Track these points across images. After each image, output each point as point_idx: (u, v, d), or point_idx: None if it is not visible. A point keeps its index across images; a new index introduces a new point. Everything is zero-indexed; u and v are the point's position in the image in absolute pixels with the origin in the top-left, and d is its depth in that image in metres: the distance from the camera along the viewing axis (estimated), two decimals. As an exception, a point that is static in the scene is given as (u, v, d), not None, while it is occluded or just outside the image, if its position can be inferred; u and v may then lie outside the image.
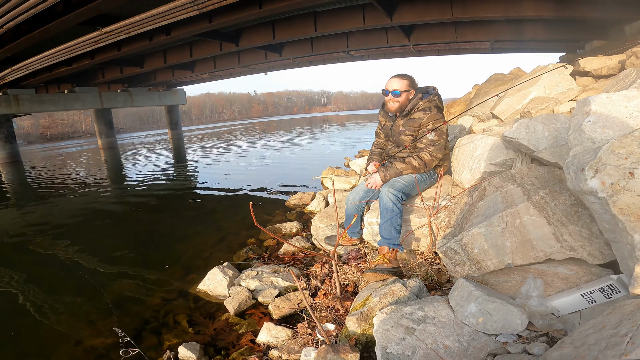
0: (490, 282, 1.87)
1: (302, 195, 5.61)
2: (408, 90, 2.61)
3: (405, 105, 2.65)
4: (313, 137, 19.54)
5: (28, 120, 41.32)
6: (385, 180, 2.59)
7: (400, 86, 2.60)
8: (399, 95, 2.61)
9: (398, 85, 2.60)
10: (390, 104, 2.68)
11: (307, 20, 9.05)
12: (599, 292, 1.54)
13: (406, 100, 2.64)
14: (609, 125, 1.57)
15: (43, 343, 2.51)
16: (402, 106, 2.65)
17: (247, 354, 2.13)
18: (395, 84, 2.61)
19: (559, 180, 1.94)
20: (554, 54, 13.78)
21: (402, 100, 2.63)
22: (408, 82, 2.62)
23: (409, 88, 2.61)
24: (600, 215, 1.48)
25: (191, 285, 3.14)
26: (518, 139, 2.32)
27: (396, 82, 2.61)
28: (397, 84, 2.61)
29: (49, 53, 8.93)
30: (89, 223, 5.57)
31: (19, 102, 15.18)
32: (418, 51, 14.45)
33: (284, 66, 17.57)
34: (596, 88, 4.79)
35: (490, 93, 6.30)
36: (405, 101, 2.64)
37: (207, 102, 76.81)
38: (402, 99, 2.62)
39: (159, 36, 8.58)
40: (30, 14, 6.25)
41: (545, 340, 1.50)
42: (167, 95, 22.22)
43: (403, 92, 2.60)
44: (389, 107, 2.70)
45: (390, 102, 2.67)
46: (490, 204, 2.01)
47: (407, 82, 2.61)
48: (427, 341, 1.59)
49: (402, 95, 2.61)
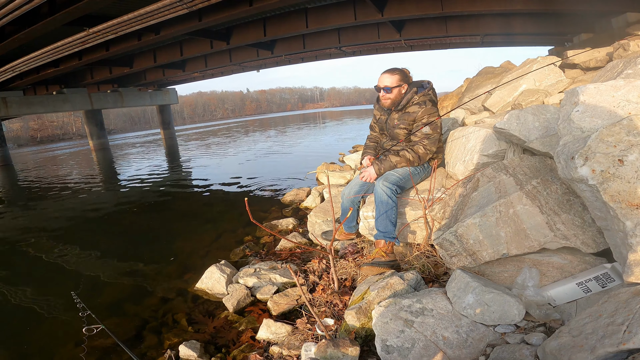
0: (486, 273, 1.89)
1: (297, 191, 5.61)
2: (399, 85, 2.62)
3: (398, 100, 2.66)
4: (308, 133, 19.51)
5: (17, 123, 40.76)
6: (380, 173, 2.61)
7: (391, 82, 2.61)
8: (390, 92, 2.63)
9: (389, 81, 2.62)
10: (383, 101, 2.70)
11: (298, 17, 9.02)
12: (594, 281, 1.56)
13: (398, 95, 2.65)
14: (597, 114, 1.59)
15: (44, 343, 2.51)
16: (395, 101, 2.67)
17: (248, 351, 2.14)
18: (386, 80, 2.63)
19: (550, 170, 1.97)
20: (543, 47, 13.93)
21: (394, 96, 2.65)
22: (399, 76, 2.63)
23: (400, 82, 2.62)
24: (592, 202, 1.49)
25: (189, 284, 3.14)
26: (509, 130, 2.34)
27: (387, 78, 2.63)
28: (388, 79, 2.62)
29: (35, 54, 8.80)
30: (84, 224, 5.53)
31: (7, 104, 14.95)
32: (410, 46, 14.49)
33: (276, 63, 17.52)
34: (585, 80, 4.85)
35: (481, 86, 6.35)
36: (397, 96, 2.65)
37: (200, 101, 76.40)
38: (393, 94, 2.64)
39: (148, 35, 8.49)
40: (15, 15, 6.15)
41: (543, 330, 1.52)
42: (158, 95, 22.04)
43: (394, 88, 2.62)
44: (383, 103, 2.73)
45: (383, 98, 2.69)
46: (484, 194, 2.04)
47: (397, 77, 2.62)
48: (426, 333, 1.61)
49: (392, 91, 2.63)
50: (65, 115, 44.47)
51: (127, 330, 2.54)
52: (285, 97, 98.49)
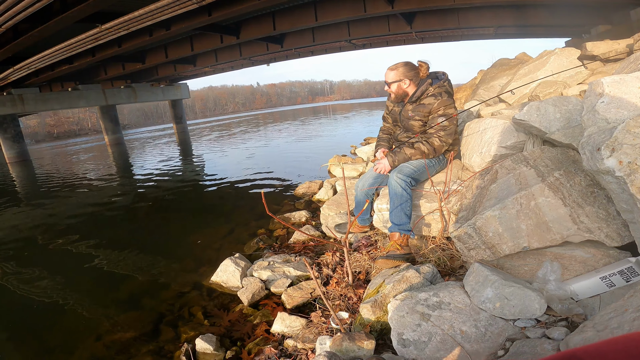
0: (505, 267, 1.85)
1: (309, 184, 5.60)
2: (400, 79, 2.61)
3: (400, 94, 2.68)
4: (318, 125, 19.46)
5: (34, 120, 41.62)
6: (394, 165, 2.59)
7: (392, 77, 2.63)
8: (389, 87, 2.66)
9: (390, 77, 2.64)
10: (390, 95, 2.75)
11: (308, 10, 8.95)
12: (618, 276, 1.52)
13: (399, 90, 2.66)
14: (623, 105, 1.57)
15: (65, 339, 2.54)
16: (398, 95, 2.68)
17: (263, 345, 2.14)
18: (388, 75, 2.65)
19: (573, 161, 1.91)
20: (559, 39, 13.57)
21: (395, 90, 2.66)
22: (401, 70, 2.62)
23: (402, 77, 2.61)
24: (618, 195, 1.45)
25: (204, 277, 3.16)
26: (529, 121, 2.29)
27: (388, 74, 2.65)
28: (389, 75, 2.65)
29: (49, 52, 8.93)
30: (100, 219, 5.62)
31: (24, 101, 15.26)
32: (421, 38, 14.28)
33: (285, 57, 17.48)
34: (605, 71, 4.71)
35: (496, 78, 6.21)
36: (398, 90, 2.66)
37: (210, 96, 76.89)
38: (394, 89, 2.66)
39: (159, 31, 8.54)
40: (28, 12, 6.24)
41: (565, 324, 1.48)
42: (170, 90, 22.27)
43: (393, 83, 2.64)
44: (390, 97, 2.78)
45: (389, 92, 2.74)
46: (503, 186, 1.99)
47: (398, 71, 2.62)
48: (443, 327, 1.58)
49: (392, 86, 2.65)
50: (80, 111, 45.22)
51: (145, 324, 2.58)
52: (295, 91, 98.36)
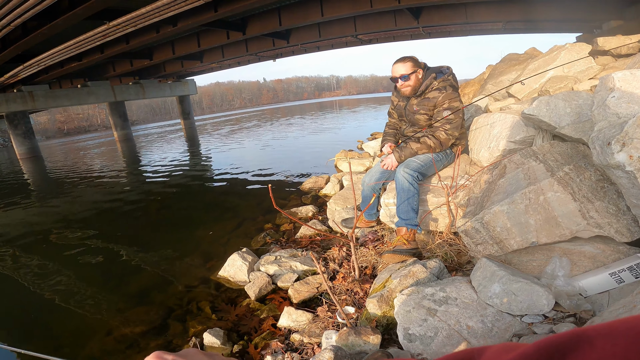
0: (513, 262, 1.84)
1: (316, 178, 5.61)
2: (414, 70, 2.60)
3: (417, 85, 2.64)
4: (325, 120, 19.42)
5: (44, 116, 42.08)
6: (401, 160, 2.58)
7: (406, 69, 2.60)
8: (408, 79, 2.62)
9: (404, 70, 2.61)
10: (403, 90, 2.69)
11: (314, 6, 8.90)
12: (628, 272, 1.50)
13: (416, 81, 2.63)
14: (634, 100, 1.56)
15: (75, 334, 2.59)
16: (415, 87, 2.65)
17: (269, 339, 2.16)
18: (401, 68, 2.61)
19: (583, 156, 1.89)
20: (569, 34, 13.33)
21: (413, 82, 2.63)
22: (411, 63, 2.61)
23: (415, 68, 2.61)
24: (628, 189, 1.43)
25: (212, 271, 3.19)
26: (539, 116, 2.26)
27: (401, 67, 2.61)
28: (402, 68, 2.61)
29: (58, 49, 9.01)
30: (109, 214, 5.69)
31: (34, 98, 15.44)
32: (428, 33, 14.10)
33: (292, 52, 17.41)
34: (616, 67, 4.63)
35: (505, 73, 6.13)
36: (416, 82, 2.63)
37: (217, 91, 77.14)
38: (412, 81, 2.63)
39: (166, 28, 8.57)
40: (36, 10, 6.29)
41: (573, 321, 1.47)
42: (178, 86, 22.36)
43: (411, 75, 2.61)
44: (403, 92, 2.72)
45: (402, 88, 2.68)
46: (512, 181, 1.97)
47: (410, 63, 2.60)
48: (449, 322, 1.58)
49: (411, 78, 2.61)
50: (90, 107, 45.63)
51: (154, 319, 2.61)
52: (301, 86, 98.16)
